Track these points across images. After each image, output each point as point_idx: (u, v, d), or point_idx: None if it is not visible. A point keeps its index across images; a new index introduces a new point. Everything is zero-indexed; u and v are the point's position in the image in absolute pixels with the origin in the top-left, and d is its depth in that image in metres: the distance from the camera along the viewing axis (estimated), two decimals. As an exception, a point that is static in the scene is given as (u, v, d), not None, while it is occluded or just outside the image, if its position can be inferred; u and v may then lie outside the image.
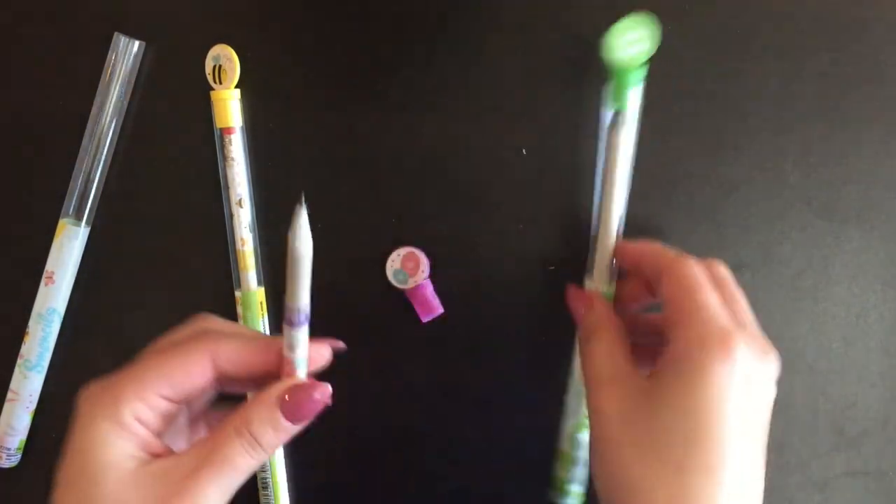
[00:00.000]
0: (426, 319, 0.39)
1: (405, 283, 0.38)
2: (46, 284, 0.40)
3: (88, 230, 0.40)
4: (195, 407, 0.32)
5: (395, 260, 0.39)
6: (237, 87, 0.39)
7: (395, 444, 0.40)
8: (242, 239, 0.39)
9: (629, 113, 0.35)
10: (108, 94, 0.39)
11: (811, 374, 0.38)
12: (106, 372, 0.42)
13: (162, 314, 0.40)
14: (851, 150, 0.38)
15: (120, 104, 0.40)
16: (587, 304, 0.34)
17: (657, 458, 0.27)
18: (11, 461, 0.41)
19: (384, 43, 0.39)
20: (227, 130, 0.39)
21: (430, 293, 0.38)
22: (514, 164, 0.38)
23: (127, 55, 0.39)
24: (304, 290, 0.28)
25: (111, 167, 0.40)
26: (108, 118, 0.39)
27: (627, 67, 0.35)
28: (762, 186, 0.38)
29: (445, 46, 0.39)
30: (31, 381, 0.40)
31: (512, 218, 0.39)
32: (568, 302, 0.36)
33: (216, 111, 0.39)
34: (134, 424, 0.28)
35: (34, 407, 0.41)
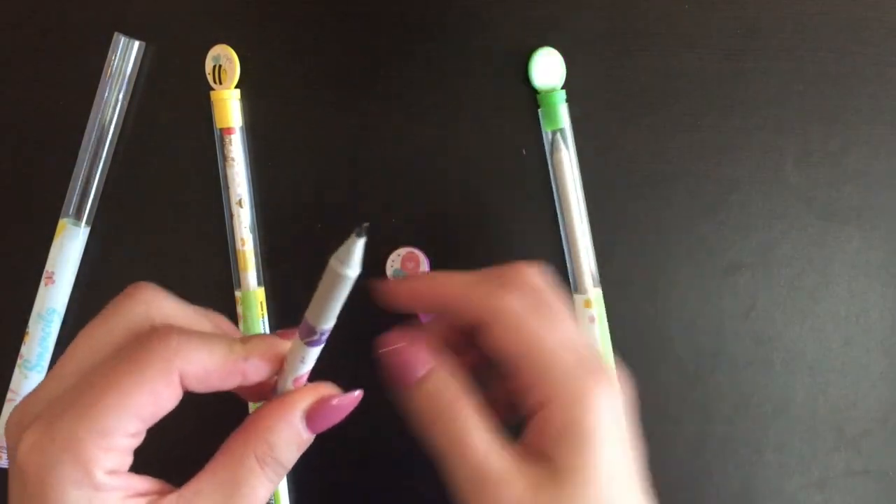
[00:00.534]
0: (426, 319, 0.39)
1: (405, 283, 0.38)
2: (46, 284, 0.40)
3: (88, 230, 0.40)
4: None
5: (395, 260, 0.39)
6: (237, 87, 0.39)
7: (395, 443, 0.40)
8: (242, 239, 0.39)
9: (565, 131, 0.37)
10: (108, 94, 0.39)
11: (811, 374, 0.38)
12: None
13: (162, 314, 0.40)
14: (851, 150, 0.38)
15: (120, 104, 0.40)
16: (422, 367, 0.25)
17: None
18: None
19: (384, 43, 0.39)
20: (227, 130, 0.39)
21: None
22: (514, 164, 0.38)
23: (127, 55, 0.39)
24: (335, 314, 0.24)
25: (111, 167, 0.40)
26: (108, 118, 0.39)
27: (549, 93, 0.37)
28: (762, 186, 0.38)
29: (445, 46, 0.39)
30: (31, 381, 0.40)
31: (512, 218, 0.39)
32: (391, 362, 0.27)
33: (216, 111, 0.39)
34: (110, 481, 0.22)
35: (34, 407, 0.41)
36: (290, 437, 0.24)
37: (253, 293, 0.39)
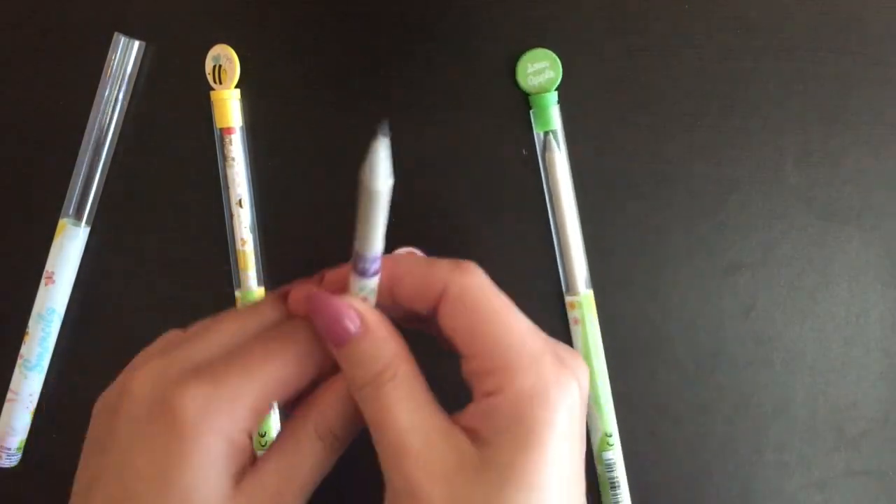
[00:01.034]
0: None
1: (405, 283, 0.38)
2: (46, 284, 0.40)
3: (88, 230, 0.40)
4: None
5: (395, 260, 0.38)
6: (237, 87, 0.39)
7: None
8: (242, 239, 0.39)
9: (557, 133, 0.37)
10: (108, 94, 0.39)
11: (811, 374, 0.38)
12: (105, 371, 0.42)
13: (162, 314, 0.40)
14: (851, 150, 0.38)
15: (120, 104, 0.40)
16: (360, 324, 0.24)
17: None
18: (11, 461, 0.41)
19: (384, 43, 0.39)
20: (227, 130, 0.39)
21: None
22: (514, 163, 0.38)
23: (127, 55, 0.39)
24: (379, 235, 0.23)
25: (111, 167, 0.40)
26: (108, 118, 0.39)
27: (540, 95, 0.37)
28: (762, 186, 0.38)
29: (445, 46, 0.39)
30: (31, 381, 0.40)
31: (512, 218, 0.39)
32: (318, 315, 0.24)
33: (216, 111, 0.39)
34: (246, 442, 0.23)
35: (34, 407, 0.41)
36: (341, 409, 0.25)
37: (253, 293, 0.39)
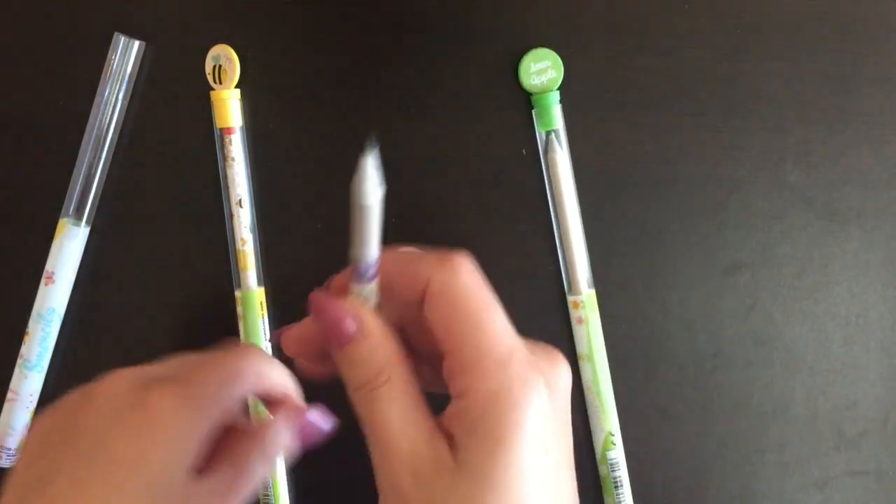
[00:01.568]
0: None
1: (405, 283, 0.38)
2: (46, 284, 0.40)
3: (88, 230, 0.40)
4: None
5: (395, 260, 0.38)
6: (237, 87, 0.39)
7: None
8: (242, 239, 0.39)
9: (559, 132, 0.38)
10: (108, 94, 0.39)
11: (811, 374, 0.38)
12: (105, 371, 0.42)
13: (162, 314, 0.40)
14: (851, 150, 0.38)
15: (120, 104, 0.40)
16: (357, 328, 0.24)
17: None
18: (11, 461, 0.41)
19: (384, 43, 0.39)
20: (227, 130, 0.39)
21: None
22: (516, 163, 0.38)
23: (127, 55, 0.39)
24: (372, 241, 0.23)
25: (111, 167, 0.40)
26: (108, 118, 0.39)
27: (542, 94, 0.37)
28: (762, 186, 0.38)
29: (447, 46, 0.39)
30: (31, 380, 0.40)
31: (512, 218, 0.39)
32: (319, 318, 0.25)
33: (216, 111, 0.39)
34: (207, 440, 0.26)
35: (34, 407, 0.41)
36: (283, 439, 0.28)
37: (253, 293, 0.39)
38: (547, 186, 0.38)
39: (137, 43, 0.39)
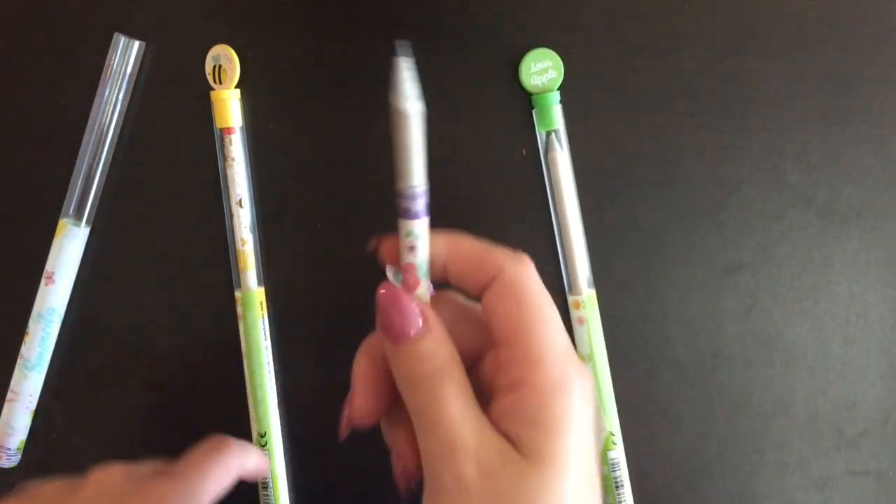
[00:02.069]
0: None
1: (405, 283, 0.38)
2: (46, 284, 0.40)
3: (88, 230, 0.40)
4: None
5: (395, 260, 0.38)
6: (237, 87, 0.39)
7: (395, 444, 0.40)
8: (242, 239, 0.39)
9: (559, 132, 0.37)
10: (108, 94, 0.39)
11: (811, 374, 0.38)
12: (105, 371, 0.42)
13: (162, 314, 0.40)
14: (851, 150, 0.38)
15: (120, 104, 0.40)
16: (423, 322, 0.24)
17: None
18: (11, 461, 0.41)
19: (384, 43, 0.39)
20: (227, 130, 0.39)
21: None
22: (516, 163, 0.38)
23: (127, 55, 0.39)
24: (418, 164, 0.22)
25: (111, 167, 0.40)
26: (108, 118, 0.39)
27: (542, 94, 0.37)
28: (762, 186, 0.38)
29: (447, 46, 0.39)
30: (31, 381, 0.40)
31: (512, 218, 0.39)
32: (388, 310, 0.25)
33: (216, 111, 0.39)
34: None
35: (34, 407, 0.41)
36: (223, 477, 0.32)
37: (253, 293, 0.39)
38: (547, 186, 0.38)
39: (137, 43, 0.39)
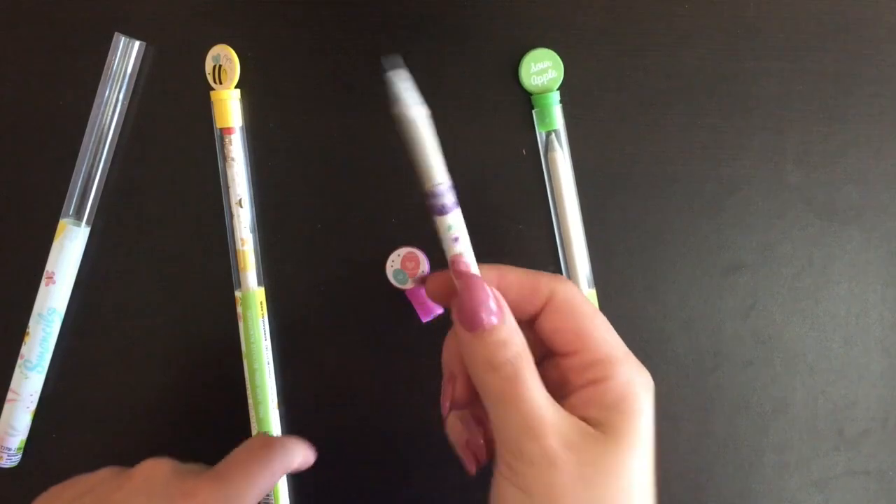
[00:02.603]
0: (426, 319, 0.39)
1: (405, 283, 0.38)
2: (46, 284, 0.40)
3: (88, 230, 0.40)
4: None
5: (394, 260, 0.39)
6: (237, 87, 0.39)
7: (394, 443, 0.40)
8: (242, 239, 0.39)
9: (559, 132, 0.38)
10: (108, 94, 0.39)
11: (811, 374, 0.38)
12: (105, 371, 0.42)
13: (162, 314, 0.40)
14: (851, 150, 0.38)
15: (120, 104, 0.40)
16: (498, 309, 0.27)
17: None
18: (12, 461, 0.41)
19: (384, 43, 0.39)
20: (227, 130, 0.39)
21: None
22: (516, 163, 0.38)
23: (127, 55, 0.39)
24: (436, 163, 0.24)
25: (111, 167, 0.40)
26: (108, 118, 0.39)
27: (542, 95, 0.37)
28: (762, 186, 0.38)
29: (447, 46, 0.39)
30: (31, 381, 0.40)
31: (512, 218, 0.39)
32: (466, 301, 0.27)
33: (216, 111, 0.39)
34: None
35: (34, 407, 0.41)
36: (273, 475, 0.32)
37: (253, 293, 0.39)
38: (547, 186, 0.38)
39: (137, 43, 0.39)
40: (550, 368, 0.28)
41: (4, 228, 0.41)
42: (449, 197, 0.25)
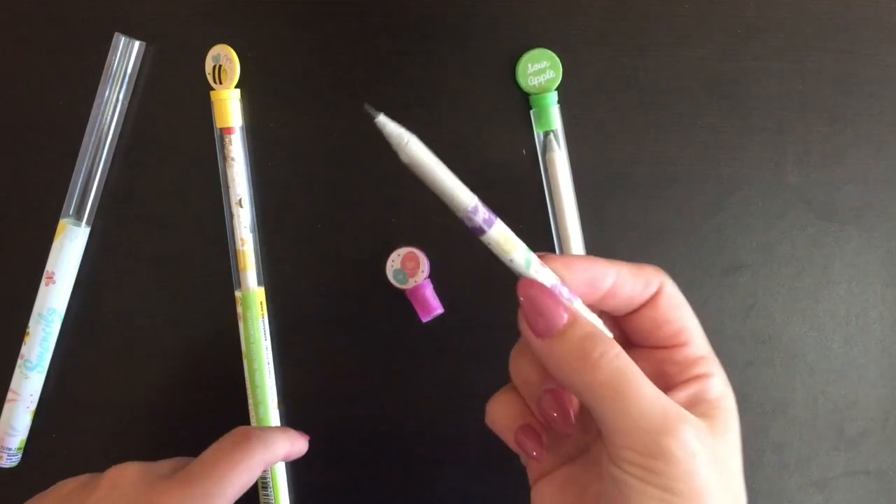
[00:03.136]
0: (426, 319, 0.39)
1: (405, 283, 0.38)
2: (46, 284, 0.40)
3: (88, 230, 0.40)
4: None
5: (395, 260, 0.39)
6: (237, 87, 0.39)
7: (394, 443, 0.40)
8: (242, 239, 0.39)
9: (557, 133, 0.38)
10: (108, 94, 0.39)
11: (811, 374, 0.38)
12: (105, 371, 0.42)
13: (162, 314, 0.40)
14: (851, 150, 0.38)
15: (120, 104, 0.40)
16: (564, 305, 0.26)
17: None
18: (12, 461, 0.41)
19: (384, 43, 0.39)
20: (227, 130, 0.39)
21: (430, 293, 0.38)
22: (514, 163, 0.38)
23: (127, 55, 0.39)
24: (457, 189, 0.24)
25: (111, 167, 0.40)
26: (108, 118, 0.39)
27: (540, 95, 0.37)
28: (762, 186, 0.38)
29: (446, 46, 0.39)
30: (31, 381, 0.40)
31: (512, 218, 0.39)
32: (535, 304, 0.26)
33: (216, 111, 0.39)
34: None
35: (34, 407, 0.41)
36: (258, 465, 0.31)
37: (253, 293, 0.39)
38: (546, 187, 0.38)
39: (137, 43, 0.39)
40: (639, 361, 0.27)
41: (4, 228, 0.41)
42: (481, 215, 0.25)
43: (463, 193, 0.25)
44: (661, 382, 0.26)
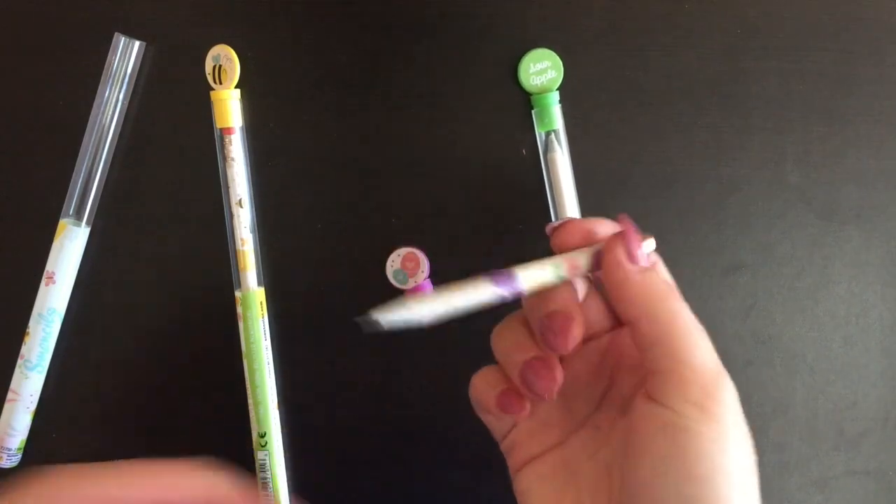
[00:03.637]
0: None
1: (405, 283, 0.38)
2: (46, 284, 0.40)
3: (88, 230, 0.40)
4: None
5: (395, 260, 0.39)
6: (237, 87, 0.39)
7: (394, 443, 0.40)
8: (242, 239, 0.39)
9: (559, 133, 0.38)
10: (108, 94, 0.39)
11: (811, 374, 0.38)
12: (105, 372, 0.42)
13: (162, 314, 0.40)
14: (851, 150, 0.38)
15: (120, 104, 0.40)
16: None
17: None
18: (12, 461, 0.41)
19: (383, 43, 0.39)
20: (227, 130, 0.39)
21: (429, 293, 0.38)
22: (515, 163, 0.38)
23: (127, 55, 0.39)
24: (473, 295, 0.27)
25: (111, 167, 0.40)
26: (108, 118, 0.39)
27: (542, 95, 0.37)
28: (762, 186, 0.38)
29: (447, 46, 0.39)
30: (31, 381, 0.40)
31: (512, 218, 0.39)
32: (633, 240, 0.29)
33: (216, 111, 0.39)
34: None
35: (34, 407, 0.41)
36: None
37: (253, 293, 0.39)
38: (547, 187, 0.38)
39: (137, 43, 0.39)
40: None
41: (4, 228, 0.41)
42: (505, 288, 0.27)
43: (481, 294, 0.27)
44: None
